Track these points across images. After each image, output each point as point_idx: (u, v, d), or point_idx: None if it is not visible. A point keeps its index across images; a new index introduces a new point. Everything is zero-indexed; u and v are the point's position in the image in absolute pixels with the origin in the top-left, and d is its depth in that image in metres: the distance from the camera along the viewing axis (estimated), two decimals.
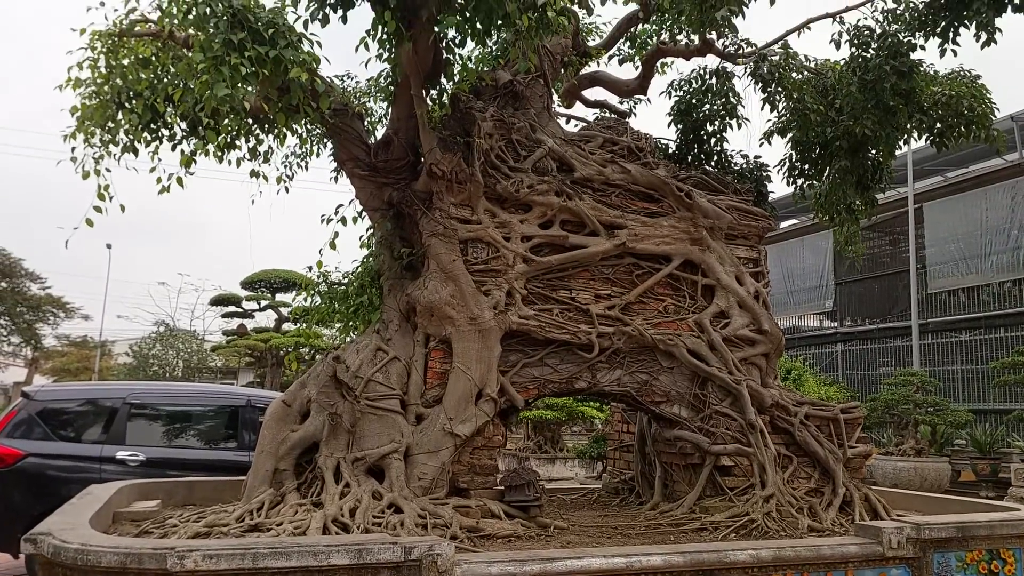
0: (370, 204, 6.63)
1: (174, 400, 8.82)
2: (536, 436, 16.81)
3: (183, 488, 7.28)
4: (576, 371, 6.51)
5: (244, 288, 36.13)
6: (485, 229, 6.28)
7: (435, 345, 6.16)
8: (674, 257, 6.88)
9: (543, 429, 16.64)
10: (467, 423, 5.95)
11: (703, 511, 6.29)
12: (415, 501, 5.57)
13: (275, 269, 36.37)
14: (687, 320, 6.86)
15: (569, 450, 16.30)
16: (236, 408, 8.64)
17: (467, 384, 5.98)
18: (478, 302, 6.08)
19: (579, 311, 6.56)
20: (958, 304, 21.52)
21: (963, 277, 21.56)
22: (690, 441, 6.66)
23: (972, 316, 20.79)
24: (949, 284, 21.76)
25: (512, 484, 5.81)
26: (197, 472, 7.80)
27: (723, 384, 6.71)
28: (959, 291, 21.62)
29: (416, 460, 5.81)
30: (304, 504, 5.42)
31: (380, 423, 5.79)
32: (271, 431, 5.70)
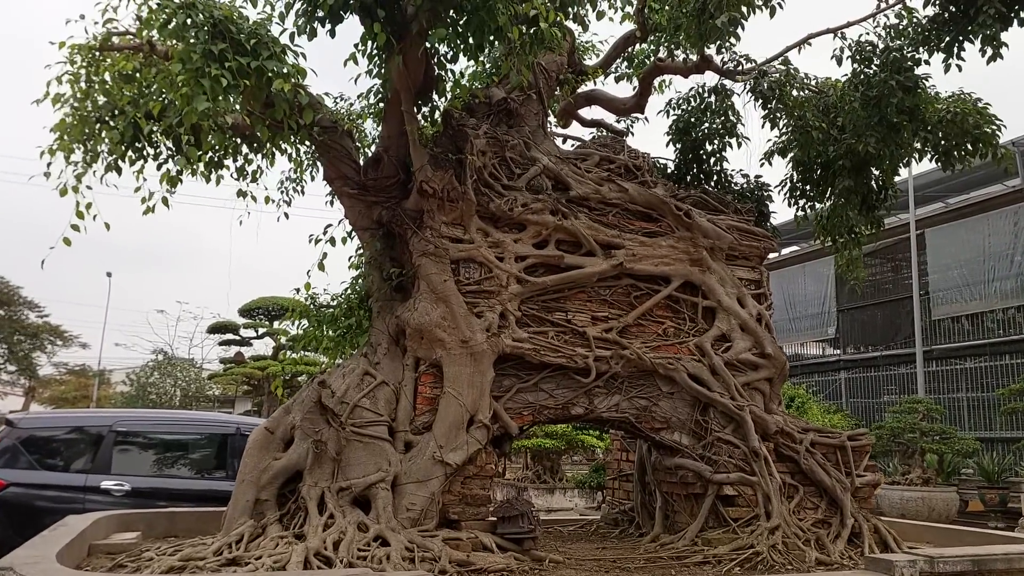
0: (359, 223, 6.42)
1: (161, 428, 8.54)
2: (535, 465, 16.45)
3: (164, 519, 6.99)
4: (572, 396, 6.26)
5: (242, 315, 35.88)
6: (478, 248, 6.07)
7: (425, 369, 5.92)
8: (673, 278, 6.66)
9: (542, 458, 16.29)
10: (458, 451, 5.69)
11: (705, 543, 6.00)
12: (403, 533, 5.28)
13: (273, 296, 36.12)
14: (687, 343, 6.61)
15: (568, 480, 15.94)
16: (225, 436, 8.35)
17: (458, 410, 5.73)
18: (470, 324, 5.84)
19: (575, 334, 6.33)
20: (961, 331, 21.27)
21: (967, 303, 21.33)
22: (691, 470, 6.38)
23: (977, 343, 20.52)
24: (953, 311, 21.52)
25: (505, 515, 5.53)
26: (184, 503, 7.49)
27: (725, 410, 6.44)
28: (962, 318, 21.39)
29: (404, 490, 5.54)
30: (286, 536, 5.14)
31: (367, 451, 5.53)
32: (253, 459, 5.43)
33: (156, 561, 4.87)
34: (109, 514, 6.56)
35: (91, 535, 5.86)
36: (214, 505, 7.24)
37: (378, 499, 5.41)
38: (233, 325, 35.13)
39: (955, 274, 21.66)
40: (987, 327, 20.69)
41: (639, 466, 7.34)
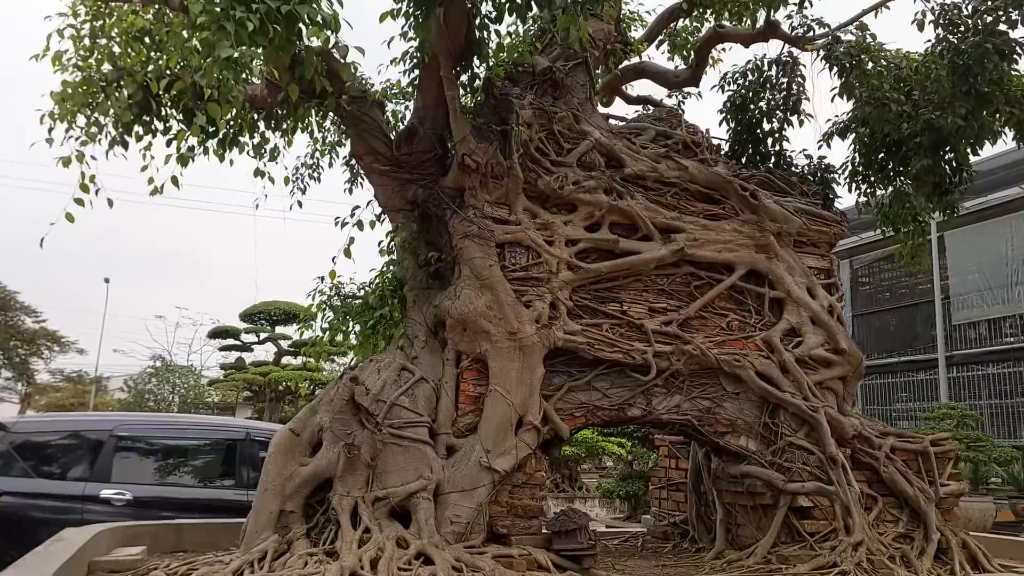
0: (391, 204, 5.79)
1: (165, 433, 7.91)
2: (552, 474, 15.77)
3: (171, 532, 6.37)
4: (629, 396, 5.61)
5: (243, 320, 35.20)
6: (525, 231, 5.43)
7: (468, 365, 5.27)
8: (737, 266, 6.02)
9: (560, 466, 15.63)
10: (507, 456, 5.04)
11: (781, 560, 5.34)
12: (448, 550, 4.63)
13: (275, 301, 35.49)
14: (754, 338, 5.97)
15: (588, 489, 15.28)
16: (234, 442, 7.72)
17: (506, 410, 5.08)
18: (518, 314, 5.20)
19: (631, 327, 5.69)
20: (979, 337, 20.69)
21: (989, 308, 20.75)
22: (761, 478, 5.73)
23: (999, 348, 19.92)
24: (974, 315, 20.94)
25: (561, 529, 4.88)
26: (190, 513, 6.83)
27: (798, 412, 5.80)
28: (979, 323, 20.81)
29: (448, 500, 4.89)
30: (315, 554, 4.49)
31: (406, 456, 4.88)
32: (276, 465, 4.78)
33: None
34: (111, 526, 5.94)
35: (90, 551, 5.21)
36: (222, 516, 6.68)
37: (419, 510, 4.76)
38: (234, 330, 34.45)
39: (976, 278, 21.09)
40: (1004, 332, 20.14)
41: (693, 474, 6.68)
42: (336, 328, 5.90)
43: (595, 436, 13.85)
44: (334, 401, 5.03)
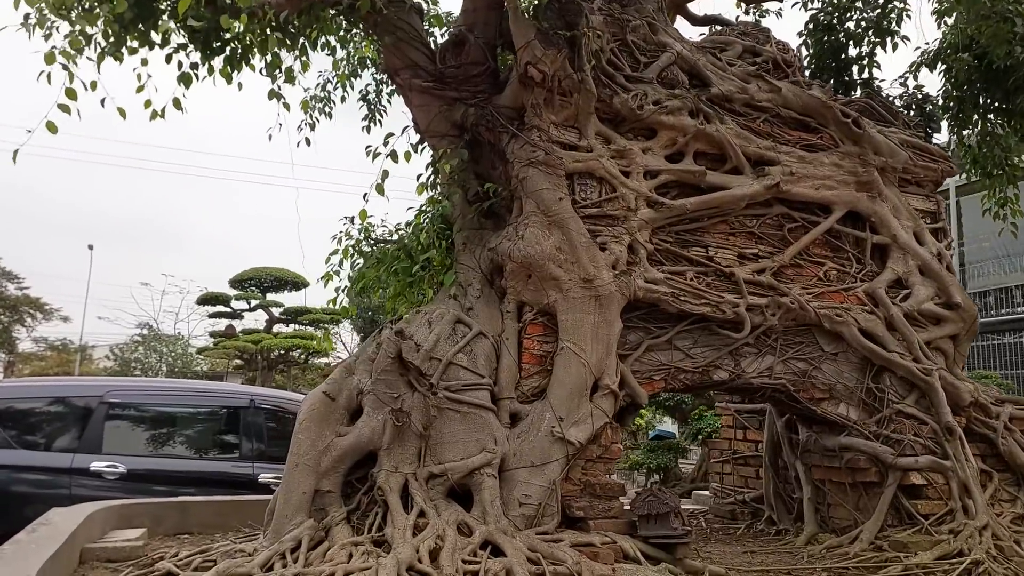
0: (434, 128, 4.97)
1: (162, 400, 7.16)
2: None
3: (174, 511, 5.66)
4: (715, 357, 4.86)
5: (233, 287, 34.24)
6: (598, 159, 4.62)
7: (532, 318, 4.50)
8: (836, 206, 5.24)
9: None
10: (581, 425, 4.29)
11: (896, 548, 4.63)
12: (519, 537, 3.89)
13: (265, 267, 34.56)
14: (855, 290, 5.21)
15: None
16: (237, 409, 6.98)
17: (580, 371, 4.32)
18: (593, 258, 4.42)
19: (719, 275, 4.91)
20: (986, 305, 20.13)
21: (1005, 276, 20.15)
22: (865, 452, 5.01)
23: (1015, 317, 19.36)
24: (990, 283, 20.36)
25: (650, 512, 4.14)
26: (189, 488, 6.23)
27: (907, 375, 5.07)
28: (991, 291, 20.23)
29: (514, 477, 4.15)
30: (361, 543, 3.74)
31: (465, 424, 4.12)
32: (309, 435, 4.01)
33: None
34: (104, 506, 5.20)
35: (83, 535, 4.46)
36: (225, 490, 6.15)
37: (483, 489, 4.01)
38: (224, 297, 33.48)
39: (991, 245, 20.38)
40: (1015, 300, 19.57)
41: (770, 447, 5.96)
42: (366, 277, 5.09)
43: None
44: (377, 359, 4.24)
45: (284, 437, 7.23)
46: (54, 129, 3.90)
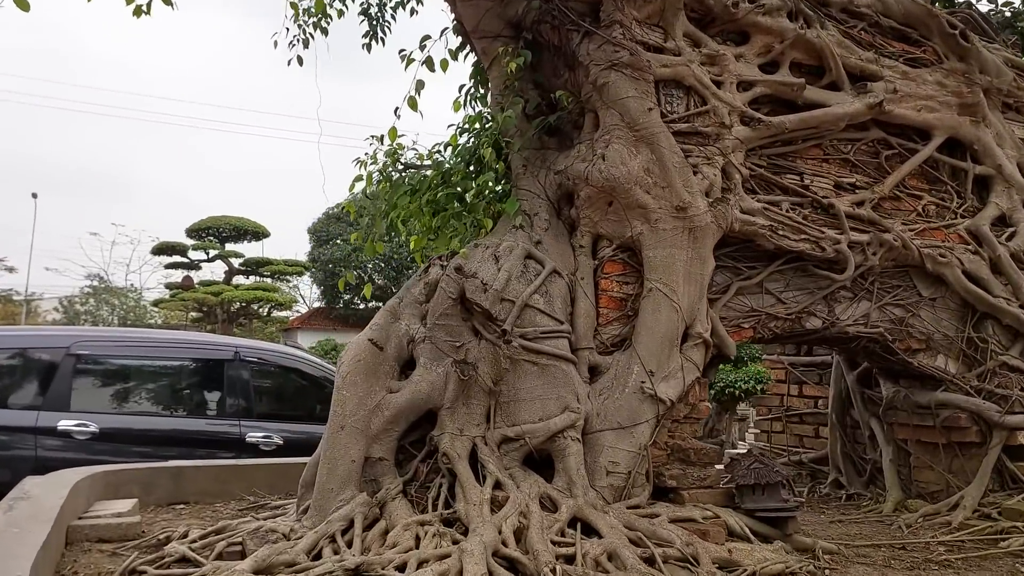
0: (484, 28, 4.22)
1: (136, 352, 6.41)
2: None
3: (167, 478, 5.04)
4: (808, 302, 4.27)
5: (190, 236, 32.86)
6: (687, 65, 3.93)
7: (611, 254, 3.84)
8: (936, 132, 4.65)
9: None
10: (672, 380, 3.68)
11: (1009, 515, 4.15)
12: (613, 512, 3.28)
13: (225, 216, 33.26)
14: (956, 227, 4.64)
15: None
16: (220, 363, 6.27)
17: (672, 317, 3.69)
18: (687, 182, 3.76)
19: (815, 207, 4.29)
20: None
21: None
22: (967, 409, 4.52)
23: None
24: None
25: (756, 482, 3.56)
26: (168, 449, 5.62)
27: (1015, 323, 4.56)
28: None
29: (599, 441, 3.53)
30: (429, 522, 3.10)
31: (543, 379, 3.47)
32: (356, 392, 3.33)
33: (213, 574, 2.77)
34: (87, 473, 4.50)
35: (69, 510, 3.77)
36: (209, 452, 5.62)
37: (568, 456, 3.39)
38: (181, 246, 32.11)
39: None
40: None
41: (838, 404, 5.45)
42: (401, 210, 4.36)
43: None
44: (433, 302, 3.56)
45: (273, 393, 6.55)
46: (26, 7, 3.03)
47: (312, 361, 6.70)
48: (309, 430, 6.16)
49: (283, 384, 6.62)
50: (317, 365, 6.60)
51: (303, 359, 6.67)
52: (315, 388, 6.50)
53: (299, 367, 6.48)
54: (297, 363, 6.53)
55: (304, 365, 6.52)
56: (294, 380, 6.55)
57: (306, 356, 6.91)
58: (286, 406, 6.62)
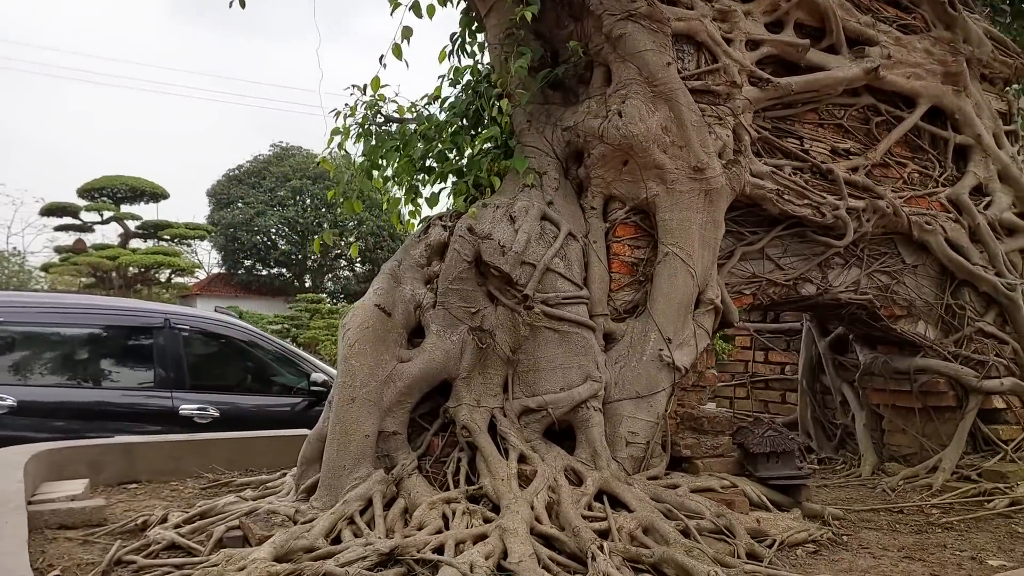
0: None
1: (56, 319, 5.93)
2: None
3: (117, 456, 4.69)
4: (804, 269, 4.27)
5: (81, 197, 30.85)
6: (701, 20, 3.80)
7: (623, 217, 3.69)
8: (921, 100, 4.70)
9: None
10: (686, 347, 3.60)
11: (989, 477, 4.29)
12: (638, 484, 3.17)
13: (120, 176, 31.41)
14: (938, 195, 4.72)
15: None
16: (150, 330, 5.85)
17: (687, 282, 3.60)
18: (704, 142, 3.65)
19: (813, 172, 4.26)
20: None
21: None
22: (945, 374, 4.64)
23: None
24: None
25: (773, 450, 3.52)
26: (96, 423, 5.20)
27: (991, 291, 4.69)
28: None
29: (617, 411, 3.42)
30: (455, 500, 2.91)
31: (564, 347, 3.32)
32: (366, 361, 3.09)
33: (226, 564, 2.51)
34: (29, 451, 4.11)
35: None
36: (140, 426, 5.26)
37: (591, 427, 3.26)
38: (72, 208, 30.09)
39: None
40: None
41: (808, 370, 5.52)
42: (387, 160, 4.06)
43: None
44: (446, 264, 3.33)
45: (207, 362, 6.16)
46: None
47: (246, 328, 6.33)
48: (247, 401, 5.84)
49: (217, 353, 6.25)
50: (252, 332, 6.24)
51: (237, 326, 6.29)
52: (252, 357, 6.16)
53: (234, 335, 6.11)
54: (232, 330, 6.15)
55: (239, 332, 6.15)
56: (229, 348, 6.18)
57: (240, 323, 6.51)
58: (221, 376, 6.25)
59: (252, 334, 6.20)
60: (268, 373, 6.24)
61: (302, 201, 37.89)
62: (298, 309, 23.80)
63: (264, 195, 36.62)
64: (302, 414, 5.91)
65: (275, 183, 37.09)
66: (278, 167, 37.69)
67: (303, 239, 37.70)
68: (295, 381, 6.15)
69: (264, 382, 6.29)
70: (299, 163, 37.82)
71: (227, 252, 36.57)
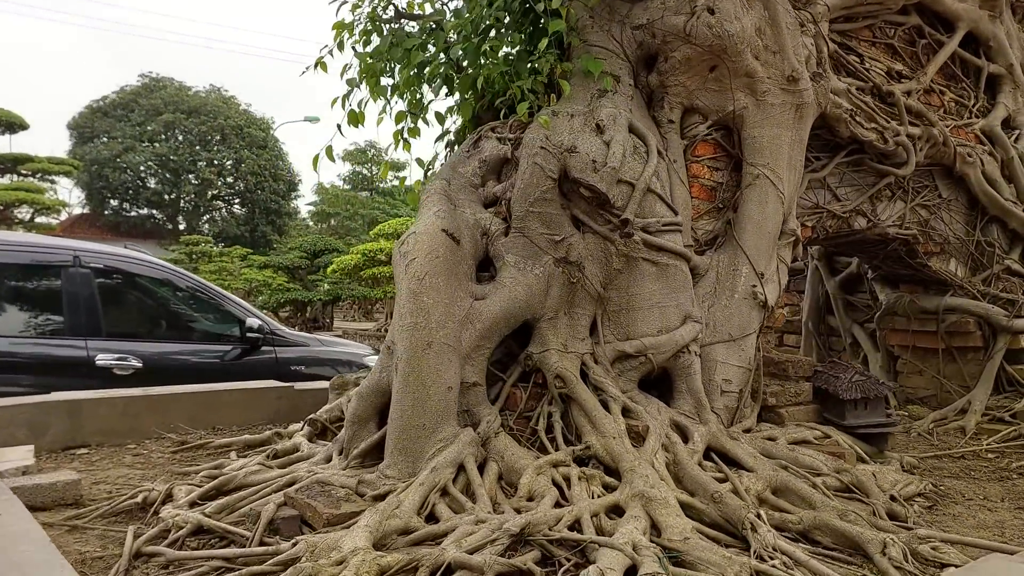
0: None
1: None
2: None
3: (61, 415, 4.03)
4: (858, 200, 3.96)
5: None
6: None
7: (704, 133, 3.21)
8: (960, 24, 4.44)
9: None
10: (772, 284, 3.21)
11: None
12: (744, 440, 2.79)
13: None
14: (973, 126, 4.51)
15: None
16: (56, 269, 5.05)
17: (777, 209, 3.21)
18: (797, 50, 3.20)
19: (874, 94, 3.92)
20: None
21: None
22: (975, 314, 4.49)
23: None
24: None
25: (865, 396, 3.22)
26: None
27: (1019, 227, 4.55)
28: None
29: (710, 356, 3.02)
30: (563, 462, 2.43)
31: (661, 282, 2.86)
32: (440, 298, 2.53)
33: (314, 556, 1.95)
34: None
35: None
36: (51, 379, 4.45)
37: (692, 375, 2.85)
38: None
39: None
40: None
41: (815, 311, 5.31)
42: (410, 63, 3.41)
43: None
44: (525, 182, 2.77)
45: (125, 306, 5.38)
46: None
47: (169, 268, 5.53)
48: (172, 349, 5.10)
49: (136, 295, 5.43)
50: (177, 273, 5.45)
51: (159, 266, 5.49)
52: (175, 300, 5.40)
53: (155, 274, 5.32)
54: (152, 270, 5.35)
55: (160, 272, 5.36)
56: (149, 290, 5.39)
57: (160, 262, 5.68)
58: (142, 321, 5.47)
59: (177, 275, 5.42)
60: (194, 318, 5.48)
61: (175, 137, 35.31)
62: (182, 252, 22.16)
63: (133, 129, 33.88)
64: (236, 364, 5.23)
65: (145, 117, 34.35)
66: (148, 99, 34.87)
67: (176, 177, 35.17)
68: (224, 327, 5.43)
69: (189, 328, 5.53)
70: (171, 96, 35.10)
71: (92, 191, 33.73)
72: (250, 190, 36.11)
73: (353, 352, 6.10)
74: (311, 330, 14.92)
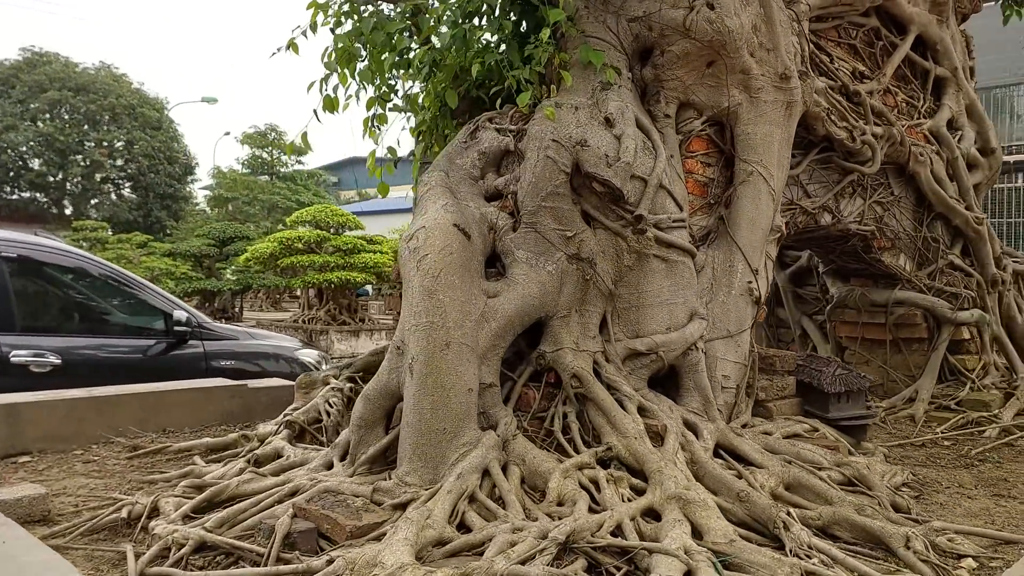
0: None
1: None
2: (329, 304, 13.48)
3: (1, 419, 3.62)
4: (824, 197, 4.06)
5: None
6: None
7: (699, 128, 3.22)
8: (912, 27, 4.62)
9: (337, 296, 13.39)
10: (761, 278, 3.25)
11: (974, 407, 4.43)
12: (748, 436, 2.82)
13: None
14: (922, 127, 4.70)
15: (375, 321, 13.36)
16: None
17: (769, 205, 3.27)
18: (788, 48, 3.25)
19: (842, 93, 4.03)
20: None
21: None
22: (922, 306, 4.69)
23: None
24: None
25: (845, 391, 3.31)
26: None
27: (962, 224, 4.78)
28: None
29: (711, 353, 3.03)
30: (588, 465, 2.39)
31: (671, 279, 2.85)
32: (455, 295, 2.44)
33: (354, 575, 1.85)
34: None
35: None
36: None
37: (699, 372, 2.87)
38: None
39: None
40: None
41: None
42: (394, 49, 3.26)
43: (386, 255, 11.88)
44: (537, 175, 2.69)
45: (42, 299, 5.06)
46: None
47: (87, 258, 5.20)
48: (92, 344, 4.81)
49: (51, 287, 5.11)
50: (97, 263, 5.13)
51: (73, 254, 5.15)
52: (94, 291, 5.09)
53: (71, 264, 5.01)
54: (68, 259, 5.03)
55: (77, 262, 5.04)
56: (65, 282, 5.07)
57: (74, 250, 5.34)
58: (60, 315, 5.14)
59: (96, 265, 5.09)
60: (114, 311, 5.17)
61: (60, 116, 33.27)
62: (73, 239, 20.90)
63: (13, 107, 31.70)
64: (162, 359, 4.96)
65: (27, 94, 32.19)
66: (31, 75, 32.67)
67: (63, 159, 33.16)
68: (148, 319, 5.14)
69: (111, 322, 5.20)
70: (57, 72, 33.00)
71: None
72: (143, 173, 34.43)
73: (283, 345, 5.87)
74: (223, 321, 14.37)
